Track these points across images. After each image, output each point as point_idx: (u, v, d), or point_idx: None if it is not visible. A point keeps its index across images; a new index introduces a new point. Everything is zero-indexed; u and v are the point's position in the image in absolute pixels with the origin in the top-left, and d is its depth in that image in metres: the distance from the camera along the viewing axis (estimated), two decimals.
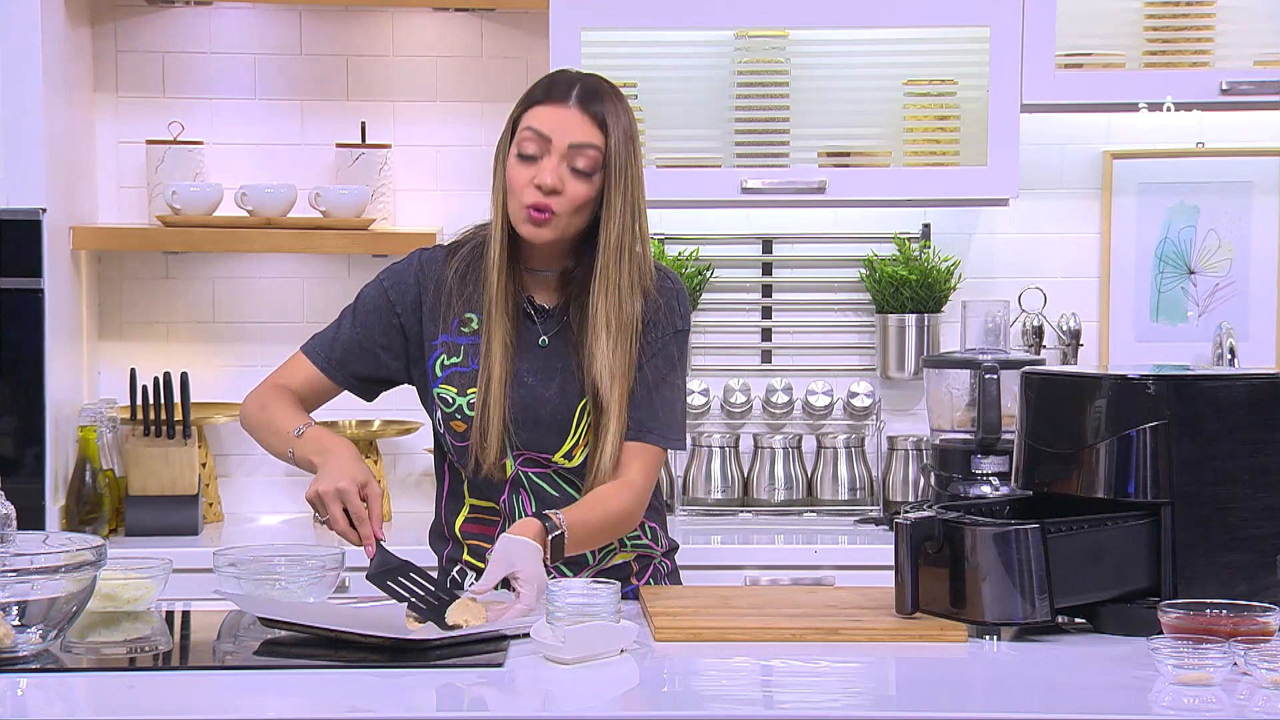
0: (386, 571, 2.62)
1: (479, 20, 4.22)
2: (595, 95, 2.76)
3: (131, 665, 2.42)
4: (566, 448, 2.81)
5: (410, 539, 3.90)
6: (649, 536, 2.93)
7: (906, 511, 2.58)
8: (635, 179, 2.77)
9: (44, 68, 3.72)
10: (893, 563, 2.57)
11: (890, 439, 4.22)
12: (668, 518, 3.08)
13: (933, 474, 3.92)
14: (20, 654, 2.35)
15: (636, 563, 2.92)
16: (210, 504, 4.07)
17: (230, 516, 4.16)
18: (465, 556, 2.89)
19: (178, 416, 3.91)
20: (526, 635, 2.46)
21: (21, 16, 3.69)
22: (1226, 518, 2.57)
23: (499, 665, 2.36)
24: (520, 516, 2.79)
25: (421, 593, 2.59)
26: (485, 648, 2.43)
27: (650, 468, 2.81)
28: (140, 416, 3.92)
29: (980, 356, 3.83)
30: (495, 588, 2.57)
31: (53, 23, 3.80)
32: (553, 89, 2.77)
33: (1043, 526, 2.51)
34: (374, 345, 2.88)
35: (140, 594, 2.67)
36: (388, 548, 2.65)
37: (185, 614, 2.75)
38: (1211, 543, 2.56)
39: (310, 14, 4.20)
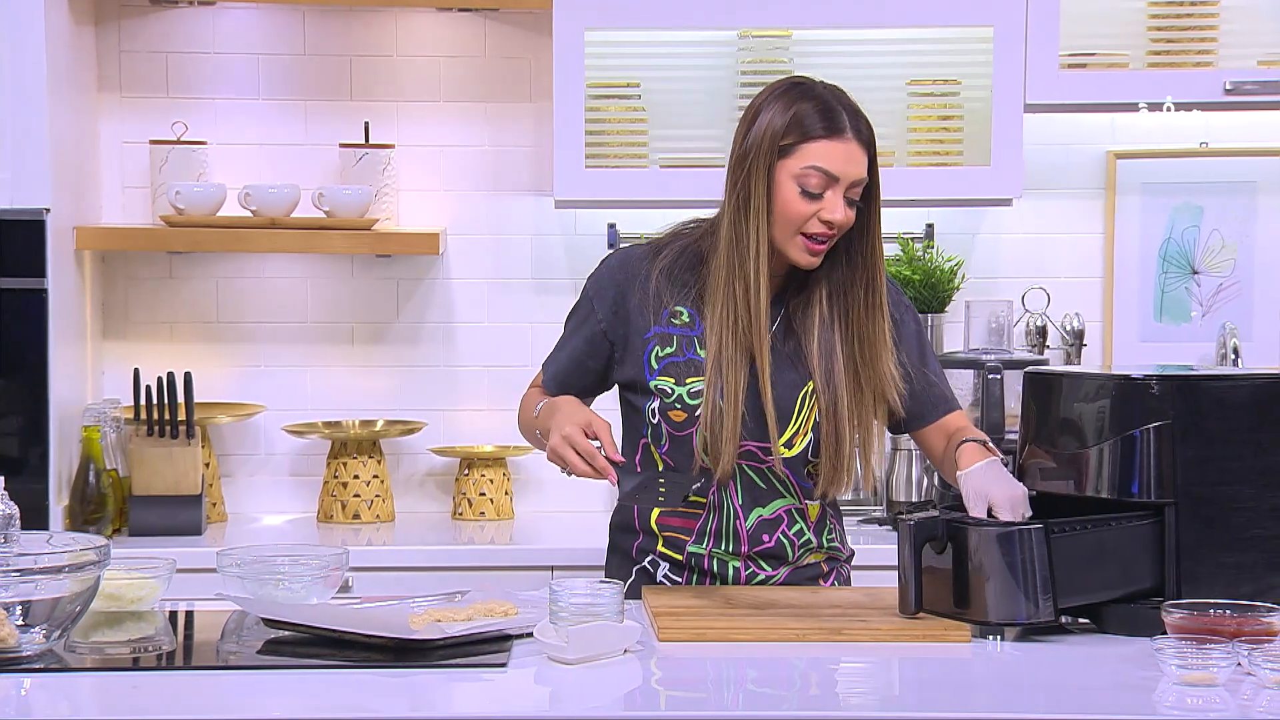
0: (637, 490, 2.74)
1: (483, 20, 4.22)
2: (865, 124, 2.84)
3: (135, 665, 2.42)
4: (787, 435, 2.84)
5: (412, 539, 3.92)
6: (838, 539, 2.98)
7: (910, 512, 2.58)
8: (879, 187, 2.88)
9: (48, 68, 3.72)
10: (896, 563, 2.57)
11: (894, 439, 4.22)
12: None
13: (936, 474, 3.92)
14: (24, 654, 2.35)
15: (826, 564, 2.95)
16: (214, 504, 4.07)
17: (234, 517, 4.16)
18: (660, 548, 2.91)
19: (181, 416, 3.91)
20: (530, 635, 2.46)
21: (26, 16, 3.69)
22: (1231, 518, 2.56)
23: (502, 665, 2.37)
24: (731, 509, 2.85)
25: (676, 487, 2.74)
26: (489, 648, 2.44)
27: (967, 421, 2.93)
28: (144, 416, 3.92)
29: (984, 356, 3.83)
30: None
31: (57, 23, 3.80)
32: (832, 120, 2.80)
33: (1046, 527, 2.51)
34: (581, 355, 2.96)
35: (144, 594, 2.68)
36: (624, 471, 2.74)
37: (189, 614, 2.75)
38: (1216, 543, 2.56)
39: (314, 14, 4.20)
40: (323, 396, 4.21)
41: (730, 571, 2.88)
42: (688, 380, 2.84)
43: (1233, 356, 4.16)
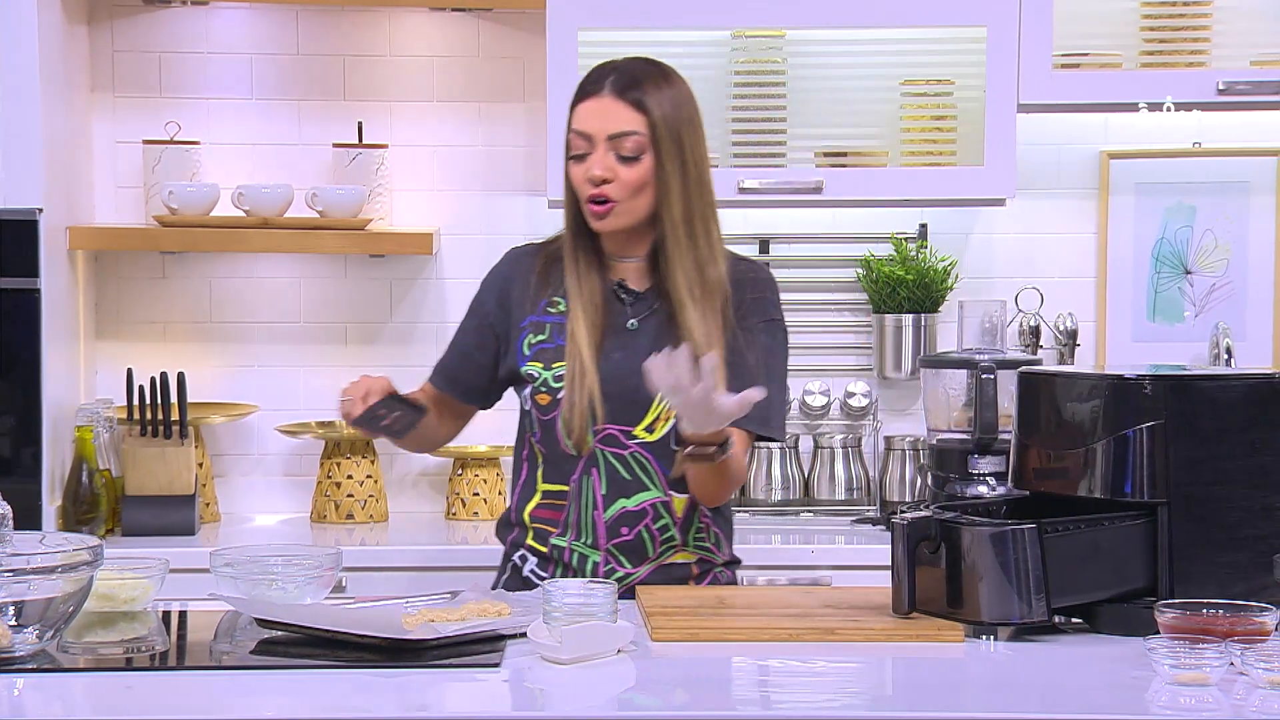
0: (364, 416, 2.81)
1: (476, 20, 4.22)
2: (632, 80, 2.86)
3: (128, 665, 2.42)
4: (648, 420, 2.86)
5: (405, 539, 3.92)
6: (712, 541, 2.96)
7: (903, 511, 2.58)
8: (693, 152, 2.88)
9: (41, 67, 3.72)
10: (890, 563, 2.57)
11: (887, 439, 4.22)
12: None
13: (929, 474, 3.92)
14: (17, 654, 2.35)
15: (697, 566, 2.94)
16: (207, 504, 4.06)
17: (227, 517, 4.16)
18: (529, 541, 2.93)
19: (174, 416, 3.90)
20: (523, 635, 2.46)
21: (18, 16, 3.69)
22: (1224, 518, 2.57)
23: (496, 665, 2.37)
24: (590, 498, 2.87)
25: (398, 410, 2.78)
26: (482, 648, 2.44)
27: (743, 450, 2.85)
28: (137, 416, 3.92)
29: (977, 356, 3.83)
30: None
31: (49, 22, 3.79)
32: (588, 83, 2.90)
33: (1039, 526, 2.51)
34: (470, 352, 3.00)
35: (137, 594, 2.67)
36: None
37: (182, 614, 2.75)
38: (1209, 543, 2.57)
39: (307, 14, 4.20)
40: (316, 396, 4.21)
41: (589, 566, 2.88)
42: (554, 365, 2.89)
43: (1226, 356, 4.16)
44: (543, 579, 2.86)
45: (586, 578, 2.85)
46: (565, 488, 2.90)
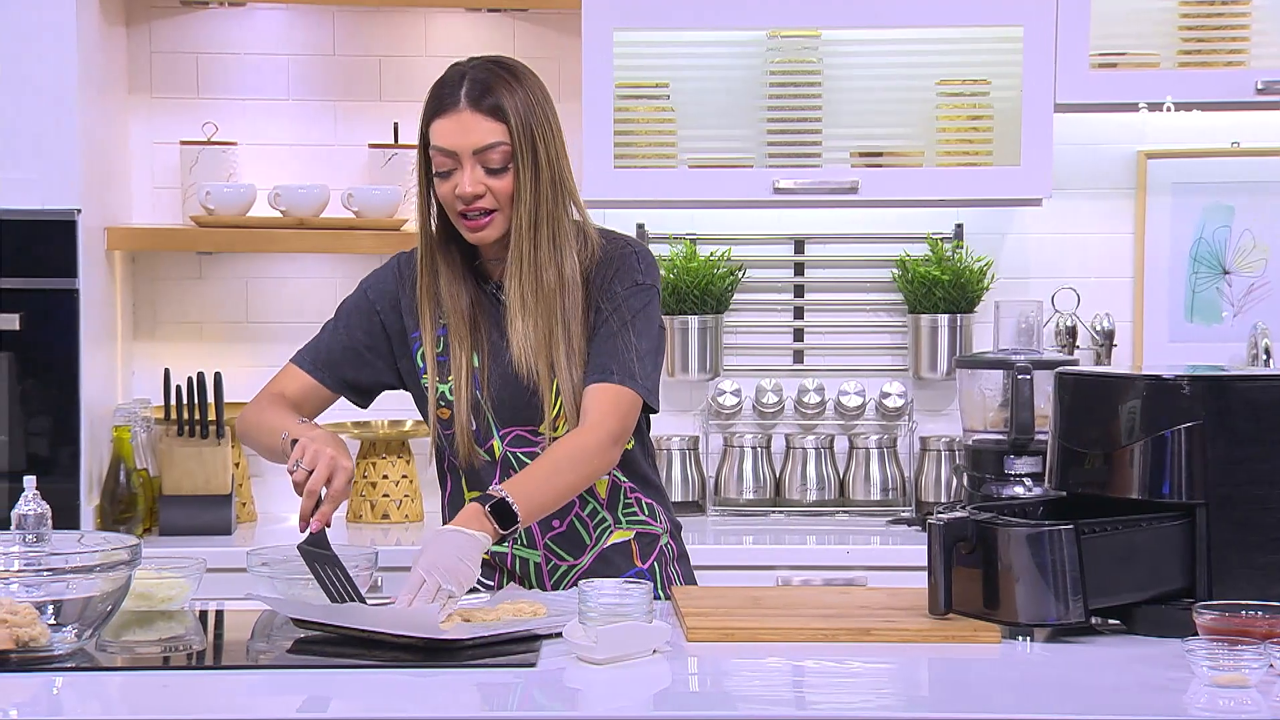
0: (317, 553, 2.60)
1: (511, 21, 4.22)
2: (484, 88, 2.77)
3: (165, 664, 2.43)
4: (549, 417, 2.82)
5: None
6: (646, 512, 2.92)
7: (939, 512, 2.57)
8: (548, 148, 2.78)
9: (79, 69, 3.74)
10: (925, 563, 2.56)
11: (923, 439, 4.21)
12: (702, 517, 3.08)
13: (965, 475, 3.91)
14: (55, 653, 2.36)
15: (637, 542, 2.91)
16: (243, 504, 4.08)
17: (263, 516, 4.17)
18: None
19: (211, 416, 3.92)
20: (559, 635, 2.46)
21: (57, 18, 3.71)
22: (1263, 518, 2.55)
23: (531, 665, 2.37)
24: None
25: (337, 584, 2.59)
26: (518, 648, 2.44)
27: (607, 407, 2.74)
28: (174, 416, 3.93)
29: (1013, 357, 3.82)
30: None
31: (88, 24, 3.81)
32: (442, 97, 2.79)
33: (1077, 527, 2.50)
34: (358, 345, 2.92)
35: (174, 593, 2.68)
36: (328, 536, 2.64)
37: (219, 613, 2.76)
38: (1247, 544, 2.55)
39: (343, 15, 4.21)
40: None
41: (532, 568, 2.85)
42: (449, 378, 2.84)
43: (1264, 357, 4.14)
44: (489, 586, 2.86)
45: (530, 579, 2.85)
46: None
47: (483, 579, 2.85)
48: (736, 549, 3.83)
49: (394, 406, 4.20)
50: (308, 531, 2.62)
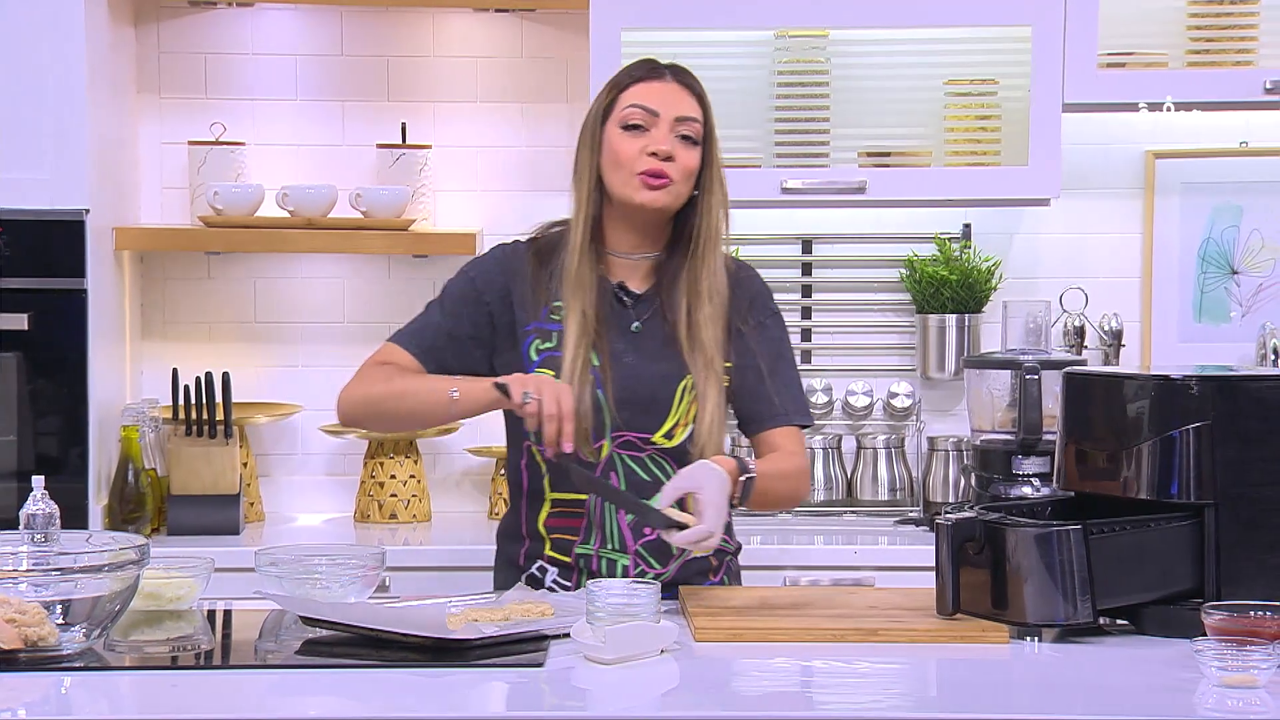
0: (587, 470, 2.74)
1: (519, 21, 4.23)
2: (687, 74, 2.91)
3: (174, 664, 2.43)
4: (667, 427, 2.85)
5: (449, 539, 3.93)
6: (725, 530, 2.94)
7: (947, 512, 2.57)
8: (719, 158, 2.91)
9: (88, 69, 3.74)
10: (933, 564, 2.56)
11: (930, 439, 4.21)
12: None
13: (973, 475, 3.91)
14: (64, 653, 2.36)
15: (715, 557, 2.94)
16: (251, 503, 4.08)
17: (271, 516, 4.17)
18: (548, 551, 2.90)
19: (219, 416, 3.92)
20: (567, 635, 2.46)
21: (65, 18, 3.71)
22: (1271, 519, 2.55)
23: (539, 665, 2.37)
24: (610, 504, 2.84)
25: (617, 493, 2.73)
26: (526, 648, 2.44)
27: (801, 446, 2.90)
28: (182, 416, 3.94)
29: (1021, 357, 3.82)
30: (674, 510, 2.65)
31: (96, 24, 3.82)
32: (645, 68, 2.90)
33: (1085, 527, 2.50)
34: (463, 335, 2.92)
35: (183, 593, 2.69)
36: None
37: (227, 613, 2.76)
38: (1256, 544, 2.55)
39: (351, 15, 4.21)
40: None
41: (619, 570, 2.86)
42: (560, 374, 2.84)
43: (1273, 357, 4.14)
44: (567, 588, 2.86)
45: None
46: (577, 495, 2.85)
47: (560, 579, 2.86)
48: (745, 549, 3.81)
49: None
50: (562, 455, 2.70)
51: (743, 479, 2.69)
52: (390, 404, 2.87)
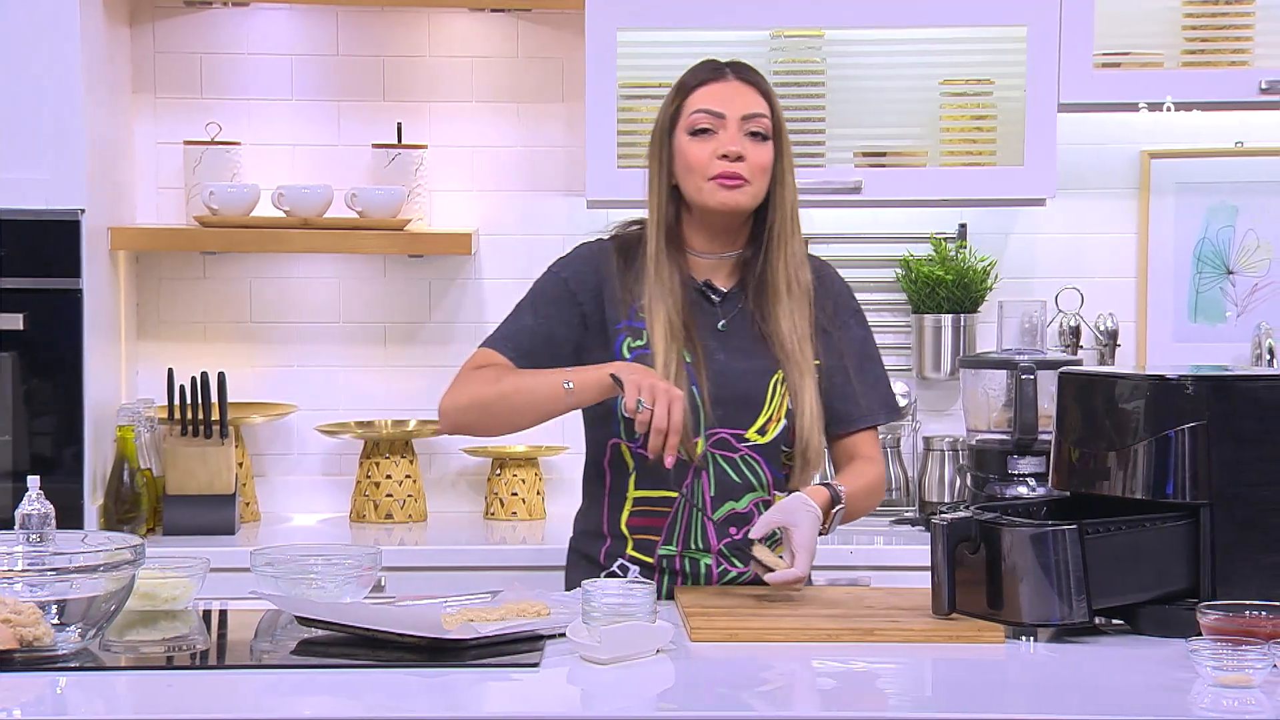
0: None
1: (515, 21, 4.23)
2: (750, 71, 2.91)
3: (169, 664, 2.43)
4: (760, 422, 2.86)
5: (444, 539, 3.93)
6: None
7: (943, 512, 2.58)
8: (789, 148, 2.91)
9: (83, 69, 3.74)
10: (929, 563, 2.56)
11: (926, 439, 4.21)
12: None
13: (969, 474, 3.91)
14: (59, 653, 2.36)
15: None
16: (247, 503, 4.08)
17: (267, 516, 4.17)
18: (630, 551, 2.90)
19: (215, 416, 3.92)
20: (563, 635, 2.46)
21: (61, 18, 3.71)
22: (1267, 519, 2.55)
23: (535, 665, 2.37)
24: (700, 502, 2.84)
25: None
26: (521, 648, 2.44)
27: (878, 449, 2.96)
28: (178, 416, 3.93)
29: (1017, 357, 3.82)
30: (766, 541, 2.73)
31: (92, 24, 3.82)
32: (708, 70, 2.90)
33: (1080, 527, 2.50)
34: (557, 335, 2.92)
35: (178, 593, 2.69)
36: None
37: (222, 613, 2.76)
38: (1251, 544, 2.55)
39: (347, 14, 4.21)
40: (355, 396, 4.22)
41: (702, 570, 2.86)
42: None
43: (1268, 357, 4.14)
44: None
45: (700, 581, 2.86)
46: (661, 493, 2.85)
47: (643, 577, 2.86)
48: None
49: (397, 406, 4.22)
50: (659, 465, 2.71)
51: (835, 511, 2.77)
52: (502, 404, 2.85)
